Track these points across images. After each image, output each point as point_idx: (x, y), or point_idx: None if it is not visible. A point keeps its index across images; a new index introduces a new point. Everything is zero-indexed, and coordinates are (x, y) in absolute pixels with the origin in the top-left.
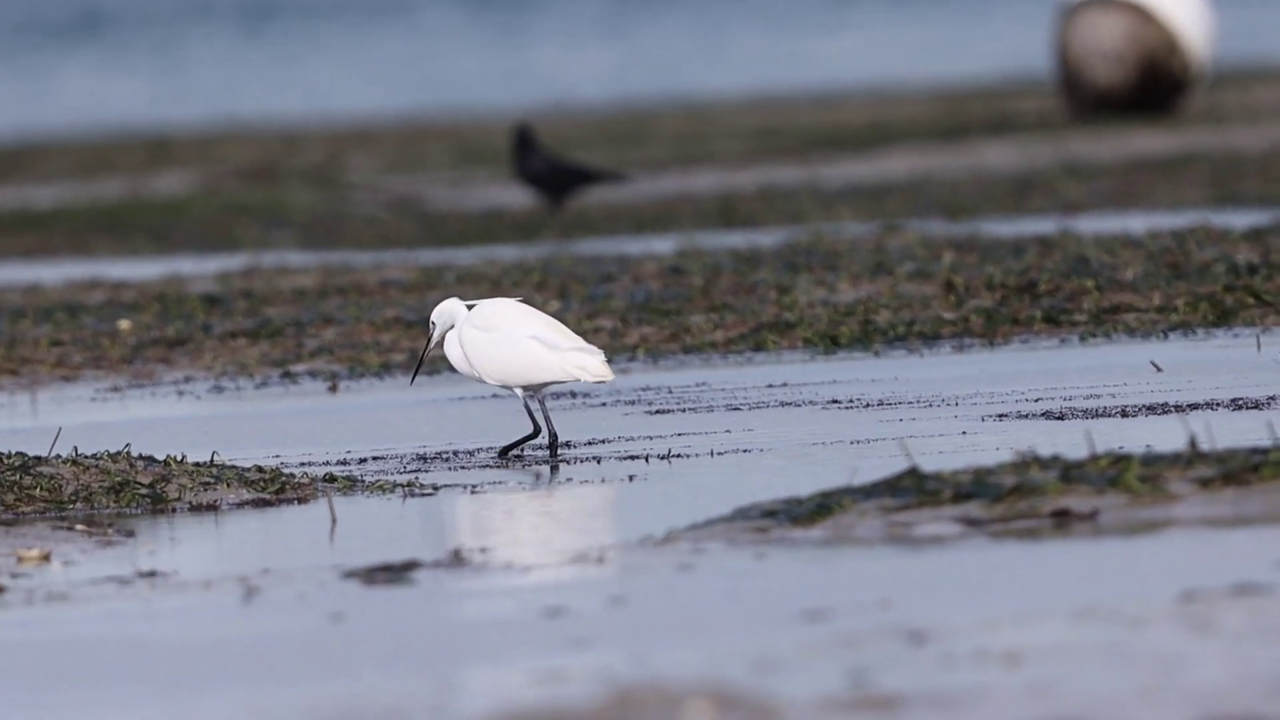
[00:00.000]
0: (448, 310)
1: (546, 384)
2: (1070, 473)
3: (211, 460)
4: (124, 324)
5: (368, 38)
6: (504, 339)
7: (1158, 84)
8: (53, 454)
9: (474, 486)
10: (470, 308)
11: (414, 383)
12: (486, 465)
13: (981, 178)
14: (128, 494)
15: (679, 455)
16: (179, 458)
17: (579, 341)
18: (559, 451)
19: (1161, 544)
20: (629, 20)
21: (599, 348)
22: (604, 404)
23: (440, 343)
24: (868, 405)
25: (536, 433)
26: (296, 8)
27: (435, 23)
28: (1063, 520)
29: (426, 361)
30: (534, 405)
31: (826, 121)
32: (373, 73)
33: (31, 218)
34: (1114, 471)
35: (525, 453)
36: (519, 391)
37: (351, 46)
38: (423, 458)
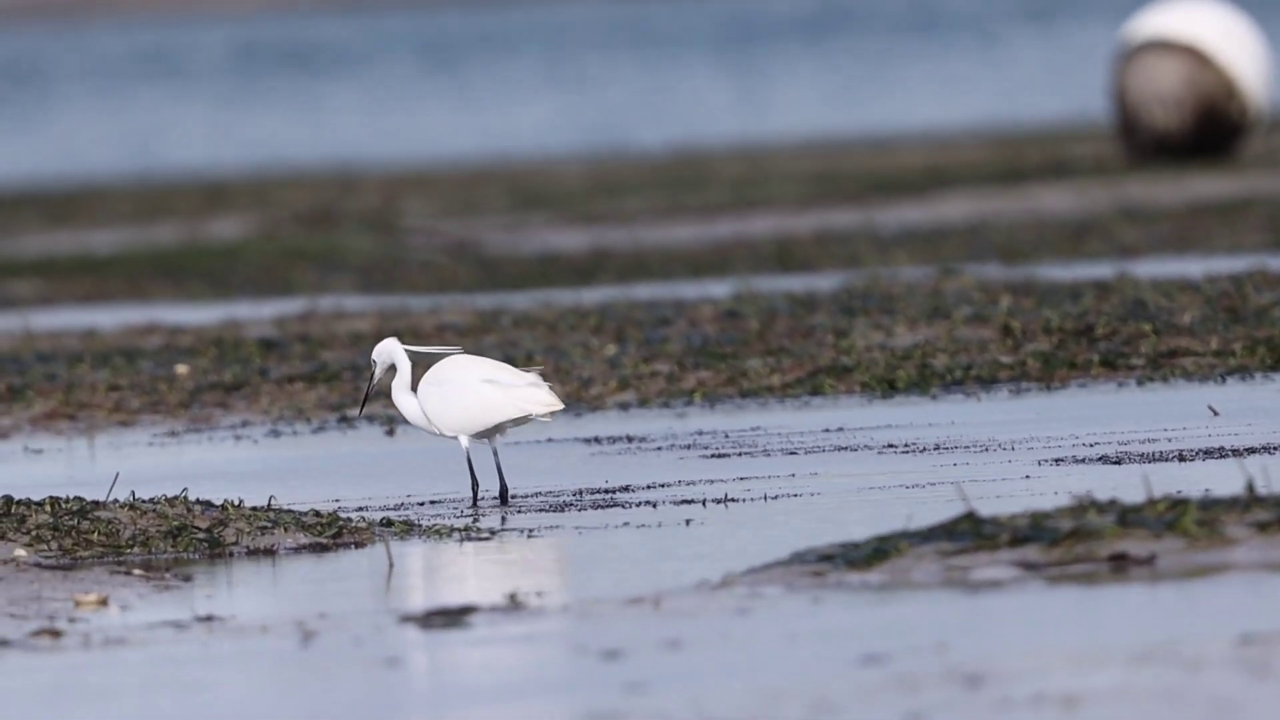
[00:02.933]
0: (386, 350)
1: (503, 424)
2: (1127, 517)
3: (269, 504)
4: (181, 369)
5: (423, 83)
6: (455, 389)
7: (1216, 128)
8: (110, 498)
9: (530, 531)
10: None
11: (361, 414)
12: (542, 509)
13: (1038, 222)
14: (185, 538)
15: (736, 499)
16: (236, 502)
17: (528, 378)
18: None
19: (1219, 588)
20: (684, 65)
21: (657, 392)
22: (659, 448)
23: (382, 383)
24: (924, 449)
25: (475, 486)
26: (345, 53)
27: (490, 69)
28: (1120, 564)
29: (371, 398)
30: (476, 458)
31: (883, 166)
32: (429, 117)
33: (89, 262)
34: (1171, 516)
35: (584, 497)
36: (464, 441)
37: (406, 92)
38: (478, 502)
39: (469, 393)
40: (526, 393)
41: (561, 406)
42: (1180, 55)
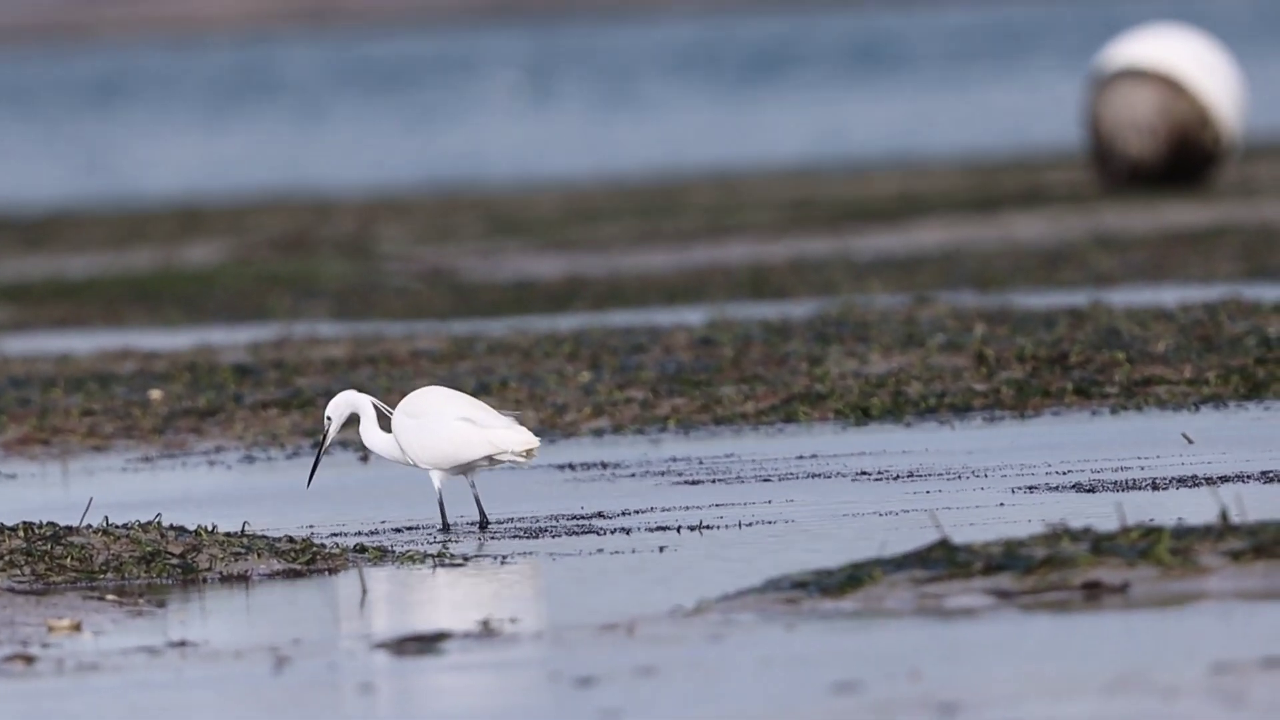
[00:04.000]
0: (345, 401)
1: (476, 462)
2: (1101, 545)
3: (243, 530)
4: (155, 394)
5: (398, 107)
6: (432, 423)
7: (1189, 157)
8: (84, 524)
9: (504, 557)
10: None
11: (310, 485)
12: (517, 536)
13: (1013, 249)
14: (159, 564)
15: (710, 526)
16: (210, 528)
17: (505, 419)
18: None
19: (1193, 616)
20: (659, 92)
21: (631, 419)
22: (634, 475)
23: (335, 439)
24: (898, 477)
25: (446, 528)
26: (318, 79)
27: (463, 94)
28: (1094, 592)
29: (319, 463)
30: (448, 496)
31: (858, 193)
32: (403, 142)
33: (64, 287)
34: (1145, 544)
35: (559, 524)
36: (436, 480)
37: (379, 116)
38: (452, 528)
39: (445, 428)
40: (503, 432)
41: (537, 444)
42: (1154, 84)
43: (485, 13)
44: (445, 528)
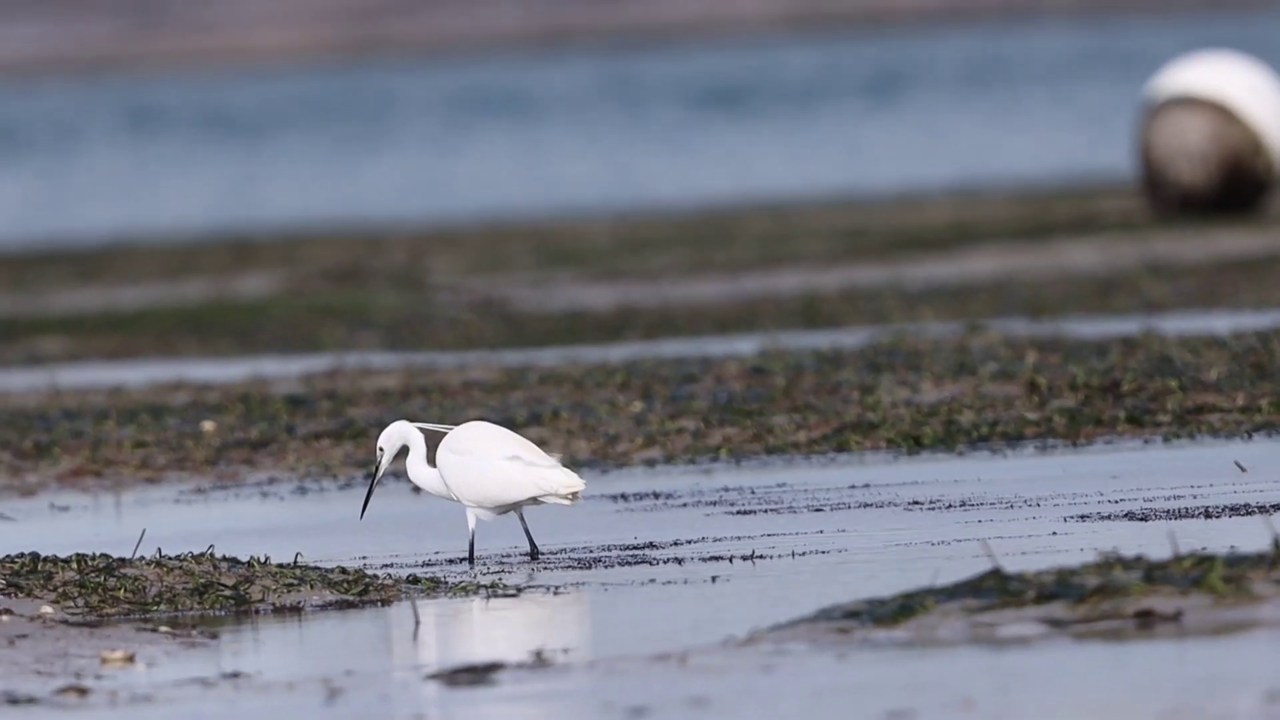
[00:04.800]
0: (398, 432)
1: (521, 502)
2: (1154, 573)
3: (295, 562)
4: (208, 425)
5: (449, 140)
6: (478, 461)
7: (1241, 184)
8: (137, 555)
9: (556, 587)
10: (422, 430)
11: (364, 517)
12: (569, 566)
13: (1065, 278)
14: (211, 595)
15: (762, 556)
16: (263, 559)
17: (550, 460)
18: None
19: (1246, 645)
20: (710, 122)
21: (683, 449)
22: (686, 505)
23: (387, 470)
24: (950, 506)
25: (472, 562)
26: (368, 109)
27: (517, 125)
28: (1147, 621)
29: (373, 494)
30: (481, 535)
31: (909, 222)
32: (456, 173)
33: (117, 319)
34: (1198, 572)
35: (611, 554)
36: (472, 520)
37: (433, 148)
38: (505, 559)
39: (491, 467)
40: (548, 473)
41: (582, 486)
42: (1206, 111)
43: (540, 41)
44: (470, 561)
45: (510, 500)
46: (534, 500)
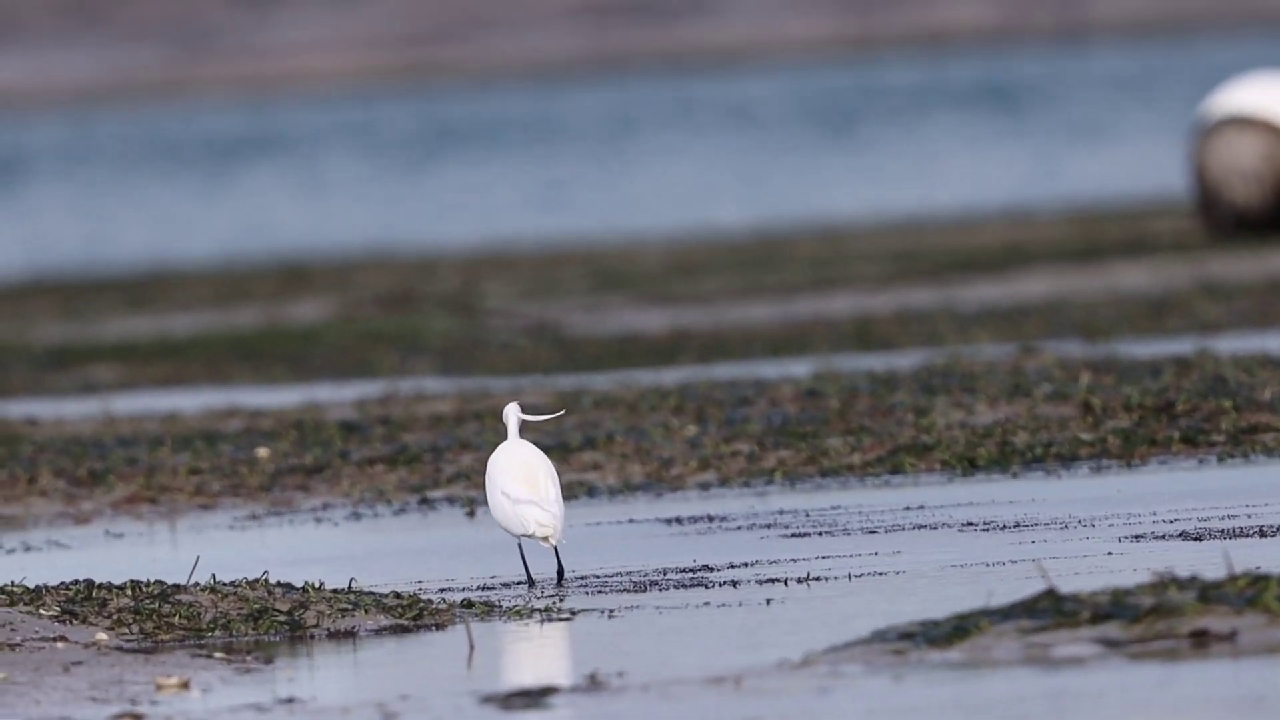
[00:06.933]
0: (505, 414)
1: (519, 536)
2: (1208, 593)
3: (349, 587)
4: (262, 452)
5: (504, 164)
6: (490, 489)
7: None
8: (191, 581)
9: (612, 611)
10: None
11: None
12: (624, 589)
13: (1118, 299)
14: (266, 621)
15: (817, 578)
16: (317, 584)
17: (541, 495)
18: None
19: None
20: (763, 146)
21: (737, 472)
22: (740, 527)
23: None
24: (1004, 527)
25: (529, 578)
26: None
27: (567, 149)
28: (1201, 641)
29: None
30: (529, 547)
31: (962, 244)
32: (508, 198)
33: (170, 346)
34: (1252, 592)
35: (666, 577)
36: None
37: (486, 172)
38: (563, 582)
39: (494, 499)
40: (527, 510)
41: (549, 533)
42: (1259, 131)
43: (592, 65)
44: (529, 580)
45: (510, 532)
46: (523, 536)
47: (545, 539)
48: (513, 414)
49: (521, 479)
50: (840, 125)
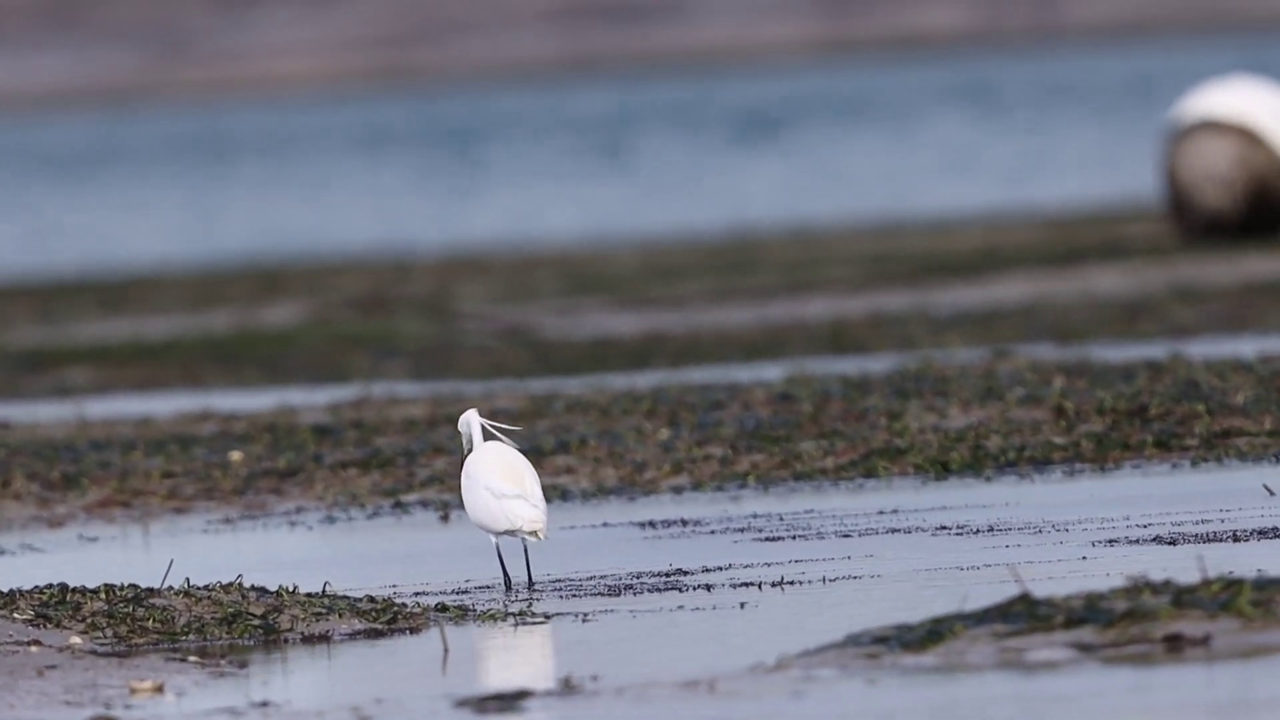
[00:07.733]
0: (465, 420)
1: (500, 533)
2: (1182, 597)
3: (324, 591)
4: (235, 455)
5: (474, 166)
6: (471, 486)
7: (1268, 208)
8: (165, 585)
9: (585, 615)
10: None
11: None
12: (598, 593)
13: (1092, 303)
14: (240, 625)
15: (790, 582)
16: (291, 588)
17: (526, 490)
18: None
19: (1275, 668)
20: (740, 148)
21: (710, 475)
22: (714, 531)
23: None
24: (978, 531)
25: (506, 579)
26: (396, 136)
27: (540, 152)
28: (1175, 645)
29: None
30: (507, 550)
31: (937, 248)
32: (480, 202)
33: (143, 349)
34: (1226, 596)
35: (640, 581)
36: (491, 535)
37: (458, 175)
38: (534, 586)
39: (477, 496)
40: (514, 506)
41: (538, 528)
42: (1231, 135)
43: (566, 67)
44: (506, 583)
45: (492, 530)
46: (506, 533)
47: (534, 533)
48: (475, 419)
49: (506, 475)
50: (817, 128)
